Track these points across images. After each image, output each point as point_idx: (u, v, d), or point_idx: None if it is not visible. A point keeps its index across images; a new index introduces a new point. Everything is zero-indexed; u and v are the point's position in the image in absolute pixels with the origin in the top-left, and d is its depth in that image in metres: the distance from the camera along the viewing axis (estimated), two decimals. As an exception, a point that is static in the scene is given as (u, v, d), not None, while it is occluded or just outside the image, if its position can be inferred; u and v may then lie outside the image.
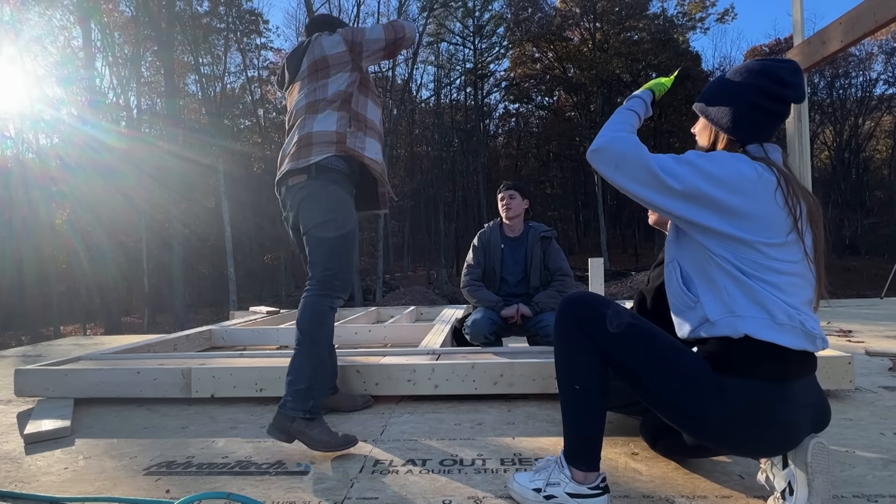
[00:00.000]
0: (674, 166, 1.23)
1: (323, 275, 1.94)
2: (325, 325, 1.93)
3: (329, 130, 2.02)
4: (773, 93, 1.27)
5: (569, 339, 1.33)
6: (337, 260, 1.96)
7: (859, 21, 3.97)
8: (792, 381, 1.19)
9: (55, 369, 2.52)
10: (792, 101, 1.29)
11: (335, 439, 1.74)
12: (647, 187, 1.24)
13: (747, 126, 1.30)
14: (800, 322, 1.17)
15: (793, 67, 1.28)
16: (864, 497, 1.38)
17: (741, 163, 1.23)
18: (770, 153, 1.28)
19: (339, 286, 1.96)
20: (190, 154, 18.86)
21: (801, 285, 1.22)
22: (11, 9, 18.89)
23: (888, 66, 28.64)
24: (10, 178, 20.24)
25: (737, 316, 1.19)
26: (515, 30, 30.35)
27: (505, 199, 3.13)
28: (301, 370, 1.82)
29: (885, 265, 20.01)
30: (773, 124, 1.31)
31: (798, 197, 1.22)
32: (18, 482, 1.64)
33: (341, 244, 1.97)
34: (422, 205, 32.55)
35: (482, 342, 2.94)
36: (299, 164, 1.99)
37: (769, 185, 1.21)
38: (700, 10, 29.26)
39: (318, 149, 1.99)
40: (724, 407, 1.19)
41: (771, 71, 1.28)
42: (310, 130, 2.02)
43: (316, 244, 1.97)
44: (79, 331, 20.31)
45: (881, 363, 2.93)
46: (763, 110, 1.29)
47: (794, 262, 1.21)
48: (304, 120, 2.07)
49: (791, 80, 1.27)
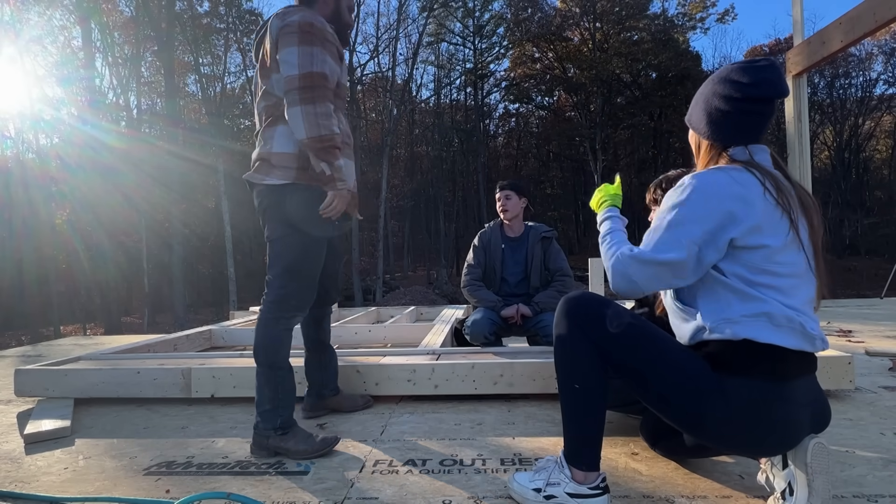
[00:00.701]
0: (661, 241, 1.22)
1: (277, 294, 1.84)
2: (282, 349, 1.85)
3: (290, 153, 1.83)
4: (728, 94, 1.27)
5: (568, 339, 1.33)
6: (295, 278, 1.85)
7: (859, 21, 3.97)
8: (791, 380, 1.19)
9: (55, 369, 2.52)
10: (756, 98, 1.25)
11: (312, 445, 1.77)
12: (668, 277, 1.23)
13: (722, 129, 1.30)
14: (799, 324, 1.17)
15: (745, 67, 1.27)
16: (864, 497, 1.38)
17: (710, 183, 1.21)
18: (755, 154, 1.27)
19: (294, 306, 1.86)
20: (190, 154, 18.86)
21: (801, 285, 1.22)
22: (11, 9, 18.88)
23: (888, 66, 28.65)
24: (10, 178, 20.24)
25: (734, 322, 1.19)
26: (515, 30, 30.32)
27: (501, 200, 3.12)
28: (263, 392, 1.81)
29: (885, 265, 20.02)
30: (752, 124, 1.28)
31: (787, 195, 1.21)
32: (18, 482, 1.64)
33: (301, 261, 1.85)
34: (422, 205, 32.53)
35: (482, 342, 2.94)
36: (263, 180, 1.84)
37: (753, 188, 1.19)
38: (701, 9, 29.22)
39: (279, 172, 1.83)
40: (723, 406, 1.19)
41: (725, 73, 1.29)
42: (269, 150, 1.85)
43: (275, 258, 1.86)
44: (79, 331, 20.31)
45: (881, 363, 2.93)
46: (730, 112, 1.27)
47: (793, 264, 1.20)
48: (263, 131, 1.89)
49: (746, 79, 1.25)
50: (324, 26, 1.82)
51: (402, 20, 25.83)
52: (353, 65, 25.52)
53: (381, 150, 24.97)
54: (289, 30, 1.77)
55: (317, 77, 1.75)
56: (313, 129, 1.73)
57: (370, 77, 27.91)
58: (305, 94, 1.73)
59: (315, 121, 1.73)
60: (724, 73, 1.30)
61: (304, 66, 1.74)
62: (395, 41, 25.97)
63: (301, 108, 1.73)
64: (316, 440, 1.78)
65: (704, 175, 1.24)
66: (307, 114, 1.73)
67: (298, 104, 1.73)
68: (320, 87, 1.75)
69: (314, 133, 1.73)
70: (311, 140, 1.73)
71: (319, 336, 2.19)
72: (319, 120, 1.73)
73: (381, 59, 27.84)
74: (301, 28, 1.76)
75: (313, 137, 1.73)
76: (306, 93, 1.73)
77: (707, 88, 1.34)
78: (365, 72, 27.03)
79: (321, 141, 1.74)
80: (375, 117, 29.93)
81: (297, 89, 1.73)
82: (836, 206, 28.59)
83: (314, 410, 2.19)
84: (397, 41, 26.12)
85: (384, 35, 26.68)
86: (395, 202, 29.33)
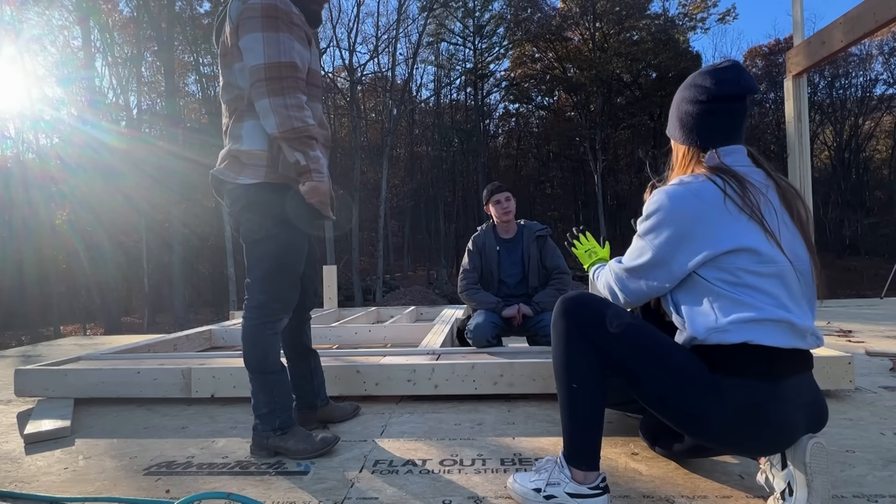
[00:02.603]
0: (631, 250, 1.37)
1: (259, 299, 1.76)
2: (272, 354, 1.79)
3: (258, 151, 1.72)
4: (695, 97, 1.32)
5: (567, 339, 1.33)
6: (277, 280, 1.76)
7: (859, 21, 3.98)
8: (785, 378, 1.20)
9: (55, 369, 2.52)
10: (722, 97, 1.28)
11: (312, 445, 1.76)
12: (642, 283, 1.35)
13: (695, 132, 1.33)
14: (788, 322, 1.18)
15: (709, 70, 1.32)
16: (864, 497, 1.38)
17: (670, 197, 1.26)
18: (725, 157, 1.29)
19: (278, 308, 1.79)
20: (190, 154, 18.83)
21: (786, 282, 1.21)
22: (11, 9, 18.89)
23: (888, 66, 28.65)
24: (10, 178, 20.25)
25: (724, 331, 1.20)
26: (515, 30, 30.31)
27: (502, 202, 3.07)
28: (258, 398, 1.79)
29: (885, 265, 20.02)
30: (724, 123, 1.30)
31: (753, 196, 1.21)
32: (18, 482, 1.64)
33: (285, 263, 1.77)
34: (422, 205, 32.54)
35: (484, 345, 2.92)
36: (236, 179, 1.75)
37: (711, 197, 1.22)
38: (701, 9, 29.21)
39: (250, 171, 1.72)
40: (720, 407, 1.19)
41: (691, 80, 1.36)
42: (239, 147, 1.74)
43: (256, 261, 1.76)
44: (79, 331, 20.31)
45: (881, 363, 2.93)
46: (699, 114, 1.31)
47: (773, 263, 1.20)
48: (231, 127, 1.77)
49: (709, 81, 1.29)
50: (288, 8, 1.68)
51: (401, 20, 25.85)
52: (354, 65, 25.55)
53: (381, 150, 24.97)
54: (250, 13, 1.63)
55: (285, 67, 1.62)
56: (285, 122, 1.62)
57: (370, 77, 27.93)
58: (274, 86, 1.61)
59: (286, 113, 1.62)
60: (691, 79, 1.36)
61: (270, 55, 1.61)
62: (394, 41, 25.98)
63: (269, 100, 1.61)
64: (316, 440, 1.78)
65: (670, 190, 1.28)
66: (277, 106, 1.61)
67: (266, 96, 1.62)
68: (289, 77, 1.63)
69: (287, 126, 1.62)
70: (283, 133, 1.63)
71: (303, 340, 2.06)
72: (290, 112, 1.62)
73: (380, 59, 27.88)
74: (264, 12, 1.62)
75: (286, 130, 1.62)
76: (274, 83, 1.61)
77: (677, 97, 1.39)
78: (365, 72, 27.06)
79: (295, 132, 1.63)
80: (375, 117, 29.95)
81: (263, 80, 1.61)
82: (836, 206, 28.59)
83: (306, 424, 2.02)
84: (397, 41, 26.14)
85: (384, 35, 26.73)
86: (395, 202, 29.35)
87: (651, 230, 1.29)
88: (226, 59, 1.75)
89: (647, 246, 1.30)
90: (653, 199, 1.30)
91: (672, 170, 1.43)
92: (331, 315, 5.01)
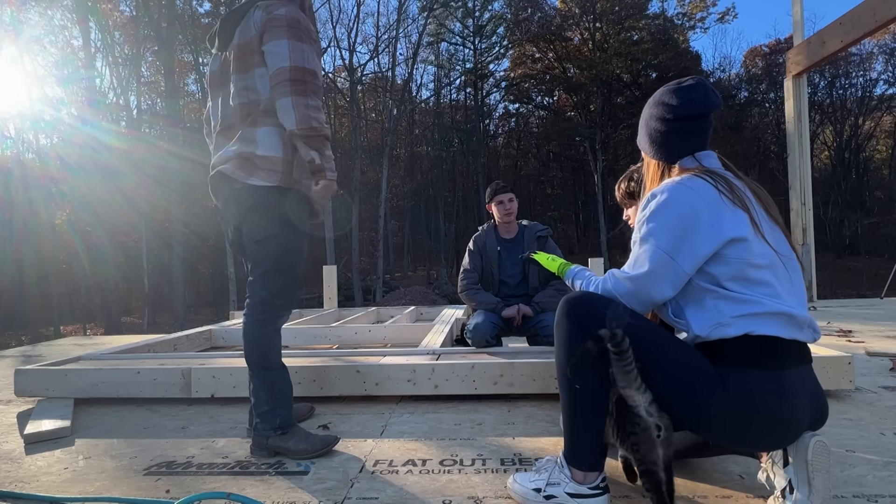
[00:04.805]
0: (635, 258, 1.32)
1: (261, 295, 1.82)
2: (274, 349, 1.85)
3: (275, 156, 1.80)
4: (662, 116, 1.37)
5: (569, 339, 1.33)
6: (280, 278, 1.83)
7: (859, 21, 3.98)
8: (787, 369, 1.21)
9: (55, 369, 2.53)
10: (687, 117, 1.34)
11: (312, 445, 1.77)
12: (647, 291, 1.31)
13: (664, 147, 1.39)
14: (787, 313, 1.20)
15: (674, 89, 1.36)
16: (864, 497, 1.39)
17: (671, 195, 1.27)
18: (703, 161, 1.35)
19: (280, 305, 1.85)
20: (190, 154, 18.81)
21: (779, 274, 1.25)
22: (11, 9, 18.88)
23: (888, 66, 28.65)
24: (10, 178, 20.22)
25: (726, 325, 1.22)
26: (515, 30, 30.31)
27: (504, 203, 3.08)
28: (259, 395, 1.81)
29: (885, 265, 20.03)
30: (691, 139, 1.37)
31: (739, 193, 1.27)
32: (18, 482, 1.64)
33: (287, 261, 1.84)
34: (422, 205, 32.53)
35: (484, 345, 2.92)
36: (247, 179, 1.80)
37: (707, 192, 1.25)
38: (701, 9, 29.22)
39: (263, 174, 1.79)
40: (724, 400, 1.20)
41: (657, 97, 1.41)
42: (253, 151, 1.79)
43: (261, 258, 1.83)
44: (79, 331, 20.30)
45: (881, 363, 2.93)
46: (667, 132, 1.37)
47: (765, 255, 1.23)
48: (243, 130, 1.82)
49: (674, 100, 1.34)
50: (308, 24, 1.81)
51: (401, 20, 25.85)
52: (354, 65, 25.54)
53: (381, 150, 24.97)
54: (276, 23, 1.75)
55: (308, 73, 1.74)
56: (305, 119, 1.71)
57: (370, 77, 27.92)
58: (297, 87, 1.72)
59: (306, 112, 1.71)
60: (657, 96, 1.41)
61: (295, 59, 1.73)
62: (394, 41, 25.99)
63: (293, 99, 1.71)
64: (316, 440, 1.79)
65: (664, 188, 1.30)
66: (298, 105, 1.71)
67: (290, 95, 1.71)
68: (312, 82, 1.75)
69: (305, 124, 1.71)
70: (301, 129, 1.71)
71: None
72: (311, 112, 1.72)
73: (380, 59, 27.87)
74: (290, 23, 1.75)
75: (304, 128, 1.71)
76: (298, 85, 1.72)
77: (646, 113, 1.43)
78: (365, 72, 27.05)
79: (312, 130, 1.72)
80: (375, 117, 29.93)
81: (288, 80, 1.71)
82: (836, 206, 28.58)
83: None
84: (397, 41, 26.15)
85: (384, 35, 26.72)
86: (395, 202, 29.33)
87: (653, 232, 1.28)
88: (244, 63, 1.82)
89: (652, 248, 1.28)
90: (649, 201, 1.31)
91: (645, 178, 1.49)
92: (331, 315, 5.01)
